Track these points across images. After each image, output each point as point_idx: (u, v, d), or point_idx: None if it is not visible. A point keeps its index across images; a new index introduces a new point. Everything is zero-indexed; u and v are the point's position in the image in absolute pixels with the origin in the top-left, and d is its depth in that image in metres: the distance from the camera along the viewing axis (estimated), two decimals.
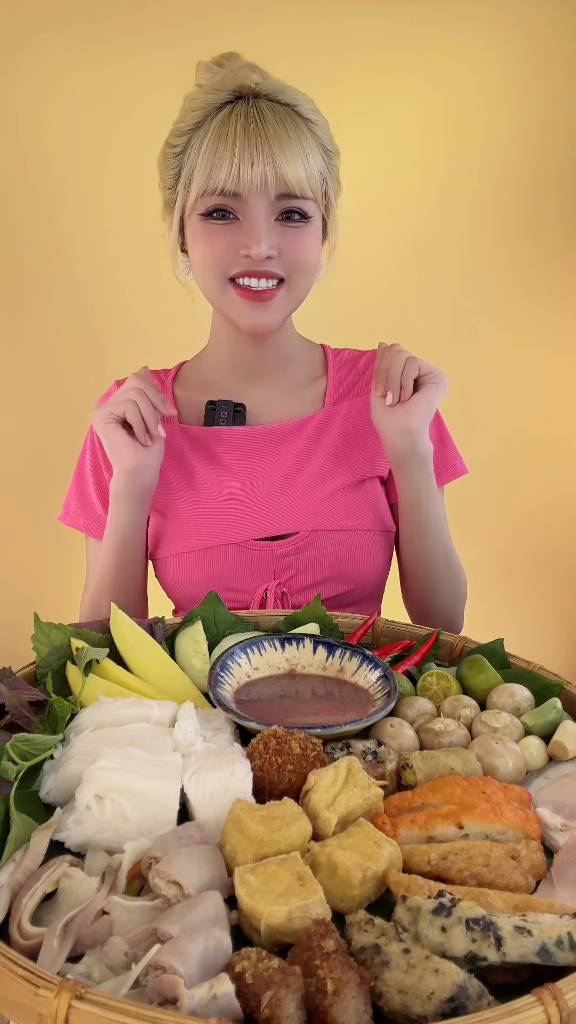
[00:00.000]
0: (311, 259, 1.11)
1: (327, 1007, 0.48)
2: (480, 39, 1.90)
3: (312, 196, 1.08)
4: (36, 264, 1.85)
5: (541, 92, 1.94)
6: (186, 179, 1.07)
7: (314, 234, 1.11)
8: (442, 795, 0.69)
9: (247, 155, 1.02)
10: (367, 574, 1.19)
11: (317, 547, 1.16)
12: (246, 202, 1.04)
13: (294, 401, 1.25)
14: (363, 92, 1.88)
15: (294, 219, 1.08)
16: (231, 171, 1.02)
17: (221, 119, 1.04)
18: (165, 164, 1.11)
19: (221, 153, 1.02)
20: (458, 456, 1.27)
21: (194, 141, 1.06)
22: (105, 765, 0.66)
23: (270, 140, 1.03)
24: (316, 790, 0.66)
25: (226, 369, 1.24)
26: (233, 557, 1.16)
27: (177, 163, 1.09)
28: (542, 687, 0.88)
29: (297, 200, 1.06)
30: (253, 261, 1.05)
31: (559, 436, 2.15)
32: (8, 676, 0.82)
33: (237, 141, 1.02)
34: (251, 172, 1.02)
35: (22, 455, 1.91)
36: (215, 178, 1.03)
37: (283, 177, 1.03)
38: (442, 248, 2.00)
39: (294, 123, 1.06)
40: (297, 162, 1.04)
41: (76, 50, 1.74)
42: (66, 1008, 0.46)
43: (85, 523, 1.25)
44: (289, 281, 1.09)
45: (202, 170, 1.04)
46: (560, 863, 0.64)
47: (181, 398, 1.26)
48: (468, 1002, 0.48)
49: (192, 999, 0.47)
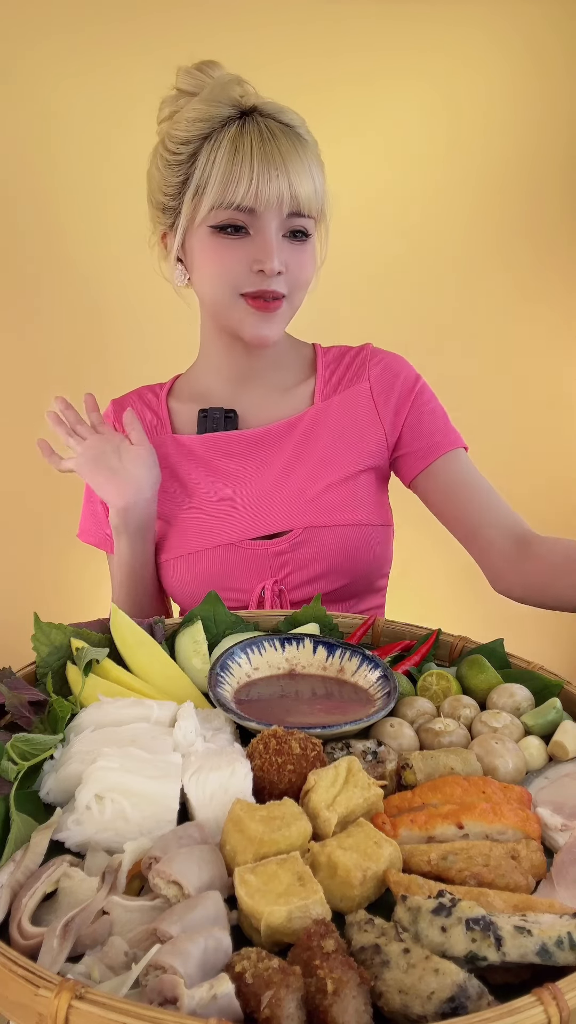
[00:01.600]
0: (310, 276, 1.16)
1: (327, 1007, 0.48)
2: (478, 40, 1.90)
3: (315, 214, 1.12)
4: (39, 266, 1.85)
5: (539, 93, 1.95)
6: (195, 189, 1.08)
7: (312, 252, 1.16)
8: (442, 795, 0.69)
9: (265, 173, 1.05)
10: (364, 567, 1.20)
11: (312, 543, 1.17)
12: (260, 218, 1.08)
13: (284, 401, 1.26)
14: (361, 93, 1.89)
15: (298, 237, 1.12)
16: (250, 187, 1.05)
17: (234, 133, 1.07)
18: (167, 170, 1.12)
19: (240, 168, 1.05)
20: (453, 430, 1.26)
21: (204, 152, 1.08)
22: (105, 765, 0.66)
23: (285, 159, 1.06)
24: (316, 790, 0.66)
25: (218, 377, 1.26)
26: (229, 557, 1.18)
27: (183, 172, 1.10)
28: (542, 687, 0.88)
29: (303, 219, 1.10)
30: (265, 276, 1.09)
31: (558, 435, 2.15)
32: (8, 676, 0.82)
33: (255, 158, 1.05)
34: (269, 189, 1.05)
35: (23, 456, 1.91)
36: (233, 193, 1.06)
37: (296, 196, 1.07)
38: (440, 247, 2.00)
39: (300, 142, 1.10)
40: (307, 181, 1.09)
41: (78, 53, 1.75)
42: (66, 1008, 0.46)
43: (97, 540, 1.29)
44: (290, 296, 1.14)
45: (218, 183, 1.06)
46: (560, 863, 0.64)
47: (176, 411, 1.29)
48: (468, 1002, 0.48)
49: (192, 999, 0.47)
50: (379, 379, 1.25)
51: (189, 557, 1.19)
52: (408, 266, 1.99)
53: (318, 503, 1.18)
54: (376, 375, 1.25)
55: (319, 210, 1.13)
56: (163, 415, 1.28)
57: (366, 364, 1.26)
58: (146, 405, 1.29)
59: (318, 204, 1.12)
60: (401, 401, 1.24)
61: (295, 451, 1.21)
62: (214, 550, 1.17)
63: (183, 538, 1.20)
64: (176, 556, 1.20)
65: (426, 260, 2.01)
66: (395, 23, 1.86)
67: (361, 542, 1.19)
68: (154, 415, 1.28)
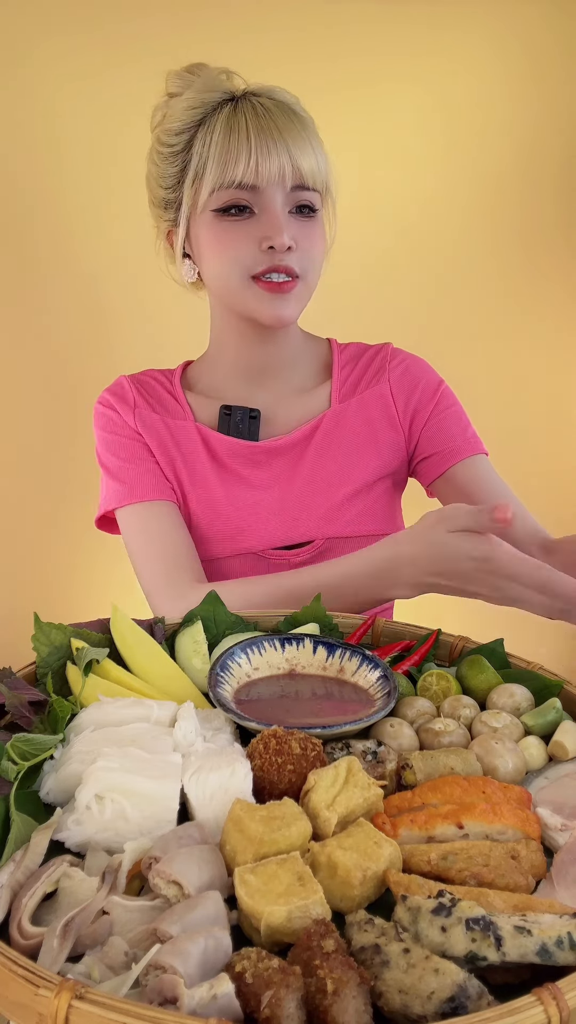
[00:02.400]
0: (321, 251, 1.12)
1: (327, 1007, 0.48)
2: (475, 43, 1.90)
3: (320, 188, 1.09)
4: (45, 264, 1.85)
5: (536, 95, 1.95)
6: (195, 174, 1.06)
7: (321, 227, 1.12)
8: (442, 795, 0.69)
9: (263, 148, 1.02)
10: None
11: (333, 554, 1.15)
12: (263, 194, 1.04)
13: (303, 401, 1.24)
14: (358, 96, 1.89)
15: (305, 212, 1.08)
16: (249, 163, 1.02)
17: (227, 114, 1.04)
18: (164, 163, 1.10)
19: (237, 145, 1.02)
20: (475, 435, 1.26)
21: (200, 137, 1.05)
22: (105, 765, 0.66)
23: (283, 131, 1.03)
24: (316, 790, 0.66)
25: (233, 372, 1.22)
26: (251, 566, 1.16)
27: (180, 161, 1.08)
28: (542, 687, 0.88)
29: (309, 192, 1.07)
30: (276, 252, 1.04)
31: (558, 436, 2.15)
32: (8, 676, 0.82)
33: (251, 133, 1.02)
34: (269, 163, 1.02)
35: (26, 452, 1.91)
36: (232, 171, 1.02)
37: (299, 168, 1.04)
38: (437, 249, 2.01)
39: (297, 117, 1.07)
40: (309, 153, 1.05)
41: (82, 54, 1.76)
42: (66, 1008, 0.46)
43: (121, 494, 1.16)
44: (303, 275, 1.09)
45: (216, 164, 1.03)
46: (560, 863, 0.64)
47: (193, 401, 1.24)
48: (468, 1002, 0.48)
49: (192, 999, 0.47)
50: (399, 382, 1.22)
51: (213, 563, 1.16)
52: (405, 268, 1.99)
53: (339, 514, 1.17)
54: (396, 378, 1.22)
55: (324, 184, 1.10)
56: (181, 400, 1.23)
57: (386, 366, 1.23)
58: (162, 387, 1.24)
59: (322, 177, 1.08)
60: (422, 405, 1.21)
61: (315, 458, 1.19)
62: (237, 558, 1.16)
63: (208, 543, 1.17)
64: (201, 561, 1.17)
65: (423, 262, 2.01)
66: (392, 26, 1.86)
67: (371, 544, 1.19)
68: (172, 399, 1.23)
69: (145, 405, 1.20)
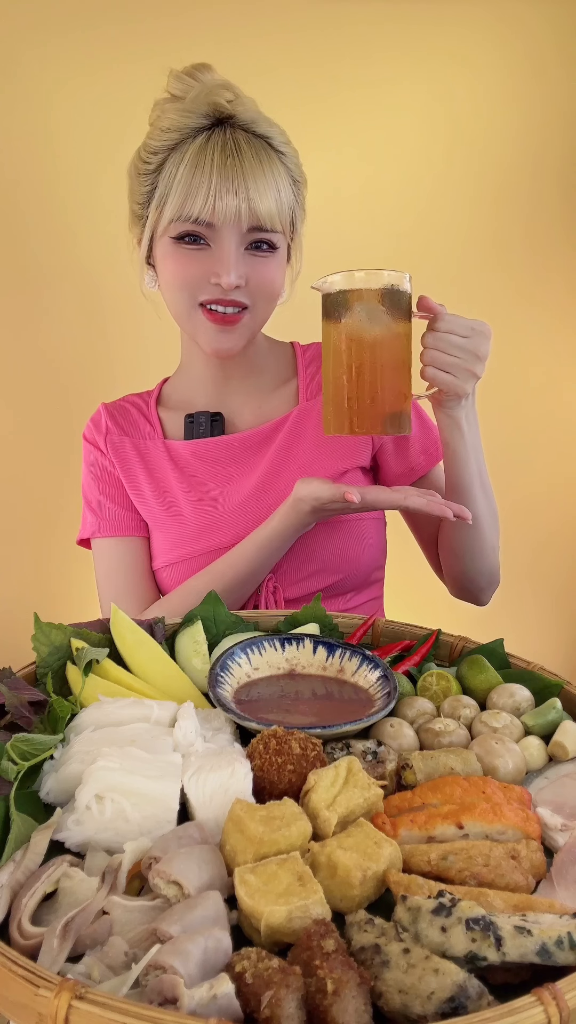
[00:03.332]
0: (276, 287, 1.15)
1: (327, 1007, 0.48)
2: (477, 43, 1.90)
3: (281, 229, 1.12)
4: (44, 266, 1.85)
5: (538, 96, 1.95)
6: (159, 200, 1.09)
7: (280, 263, 1.15)
8: (442, 795, 0.69)
9: (223, 188, 1.04)
10: (357, 561, 1.21)
11: (304, 540, 1.18)
12: (219, 232, 1.08)
13: (269, 403, 1.28)
14: (359, 97, 1.89)
15: (262, 249, 1.11)
16: (207, 202, 1.05)
17: (198, 146, 1.06)
18: (138, 179, 1.13)
19: (197, 182, 1.05)
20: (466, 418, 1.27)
21: (169, 163, 1.08)
22: (105, 765, 0.66)
23: (246, 174, 1.05)
24: (316, 790, 0.66)
25: (201, 382, 1.28)
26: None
27: (150, 181, 1.11)
28: (542, 687, 0.88)
29: (267, 233, 1.10)
30: (223, 289, 1.09)
31: (557, 435, 2.15)
32: (8, 676, 0.82)
33: (214, 173, 1.05)
34: (226, 205, 1.05)
35: (24, 457, 1.91)
36: (190, 206, 1.05)
37: (256, 212, 1.07)
38: (440, 249, 2.00)
39: (268, 157, 1.09)
40: (270, 197, 1.08)
41: (82, 54, 1.75)
42: (66, 1008, 0.46)
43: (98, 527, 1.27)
44: (253, 308, 1.13)
45: (177, 196, 1.06)
46: (560, 863, 0.64)
47: (165, 417, 1.30)
48: (468, 1002, 0.48)
49: (192, 999, 0.47)
50: None
51: (185, 563, 1.20)
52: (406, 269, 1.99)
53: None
54: None
55: (286, 224, 1.13)
56: (154, 421, 1.29)
57: None
58: (137, 411, 1.31)
59: (284, 219, 1.11)
60: None
61: (283, 451, 1.22)
62: (208, 554, 1.18)
63: (177, 544, 1.21)
64: (172, 562, 1.21)
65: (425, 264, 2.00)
66: (393, 27, 1.86)
67: (352, 538, 1.20)
68: (146, 421, 1.29)
69: (116, 430, 1.28)
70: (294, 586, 1.19)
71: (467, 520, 1.02)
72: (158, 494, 1.23)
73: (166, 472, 1.24)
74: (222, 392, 1.27)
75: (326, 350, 1.02)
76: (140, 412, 1.30)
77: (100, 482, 1.27)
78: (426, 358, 1.01)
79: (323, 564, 1.19)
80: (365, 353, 0.98)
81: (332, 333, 1.00)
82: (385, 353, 0.98)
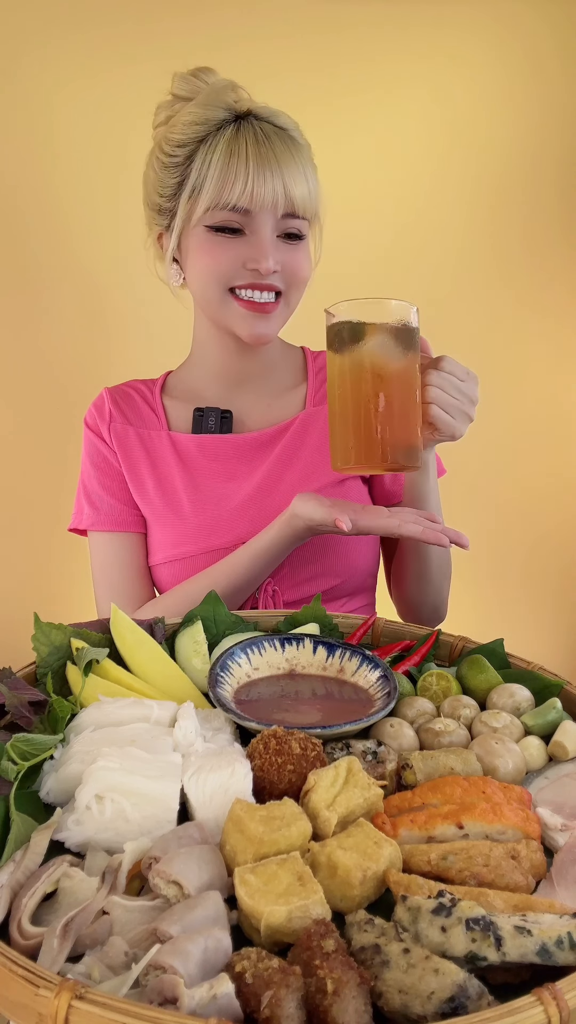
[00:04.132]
0: (306, 274, 1.17)
1: (327, 1007, 0.48)
2: (476, 45, 1.90)
3: (309, 216, 1.14)
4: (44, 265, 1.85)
5: (536, 98, 1.95)
6: (192, 190, 1.10)
7: (307, 251, 1.17)
8: (442, 795, 0.69)
9: (260, 174, 1.06)
10: (356, 566, 1.22)
11: (305, 544, 1.18)
12: (255, 219, 1.09)
13: (277, 405, 1.28)
14: (358, 99, 1.89)
15: (292, 238, 1.13)
16: (245, 188, 1.06)
17: (229, 136, 1.08)
18: (163, 172, 1.14)
19: (235, 170, 1.06)
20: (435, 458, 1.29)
21: (200, 154, 1.09)
22: (105, 765, 0.66)
23: (280, 161, 1.08)
24: (316, 790, 0.66)
25: (213, 377, 1.27)
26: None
27: (179, 173, 1.12)
28: (542, 687, 0.88)
29: (297, 220, 1.12)
30: (260, 275, 1.10)
31: (558, 434, 2.15)
32: (8, 676, 0.82)
33: (251, 159, 1.06)
34: (264, 190, 1.07)
35: (23, 454, 1.91)
36: (228, 194, 1.07)
37: (291, 197, 1.09)
38: (439, 251, 2.00)
39: (295, 145, 1.11)
40: (302, 183, 1.10)
41: (82, 56, 1.76)
42: (66, 1008, 0.46)
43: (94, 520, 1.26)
44: (286, 295, 1.15)
45: (214, 184, 1.07)
46: (560, 863, 0.64)
47: (170, 407, 1.29)
48: (468, 1002, 0.48)
49: (192, 999, 0.47)
50: None
51: (183, 562, 1.19)
52: (405, 271, 1.99)
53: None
54: None
55: (313, 212, 1.15)
56: (158, 410, 1.28)
57: None
58: (141, 398, 1.29)
59: (312, 206, 1.13)
60: None
61: (287, 454, 1.23)
62: (208, 555, 1.18)
63: (177, 542, 1.20)
64: (170, 560, 1.21)
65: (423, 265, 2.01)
66: (393, 29, 1.86)
67: (355, 542, 1.20)
68: (149, 409, 1.28)
69: (120, 418, 1.26)
70: (293, 589, 1.19)
71: (464, 546, 1.00)
72: (160, 487, 1.23)
73: (169, 464, 1.24)
74: (233, 389, 1.27)
75: (334, 380, 1.00)
76: (144, 399, 1.29)
77: (100, 473, 1.25)
78: (430, 396, 1.00)
79: (323, 568, 1.20)
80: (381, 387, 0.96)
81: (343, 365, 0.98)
82: (401, 387, 0.97)
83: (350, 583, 1.22)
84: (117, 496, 1.24)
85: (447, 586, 1.26)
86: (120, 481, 1.25)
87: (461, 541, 0.99)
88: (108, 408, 1.27)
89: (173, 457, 1.24)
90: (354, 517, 1.01)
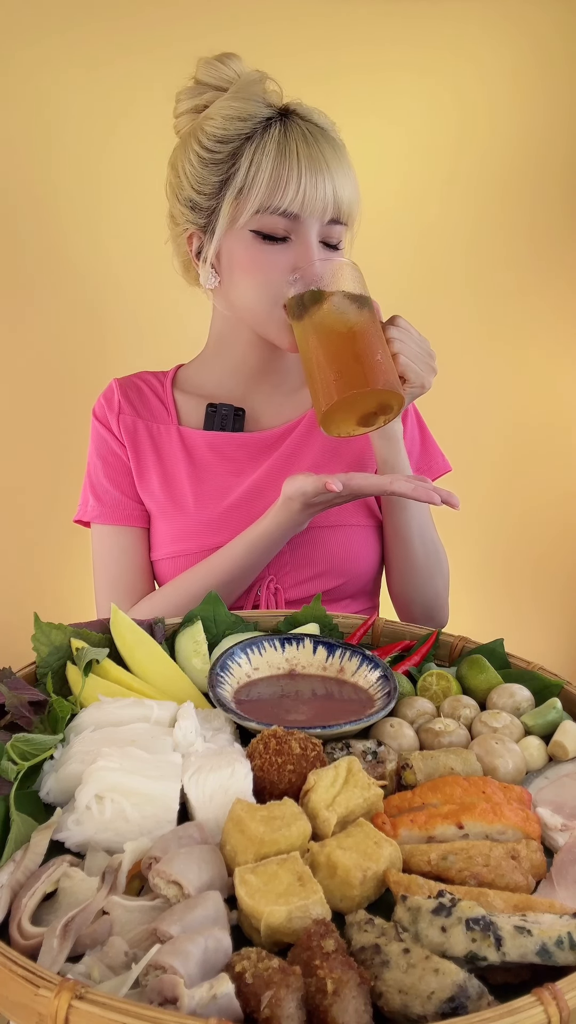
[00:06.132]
0: None
1: (327, 1007, 0.48)
2: (482, 35, 1.90)
3: (351, 222, 1.12)
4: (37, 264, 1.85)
5: (542, 89, 1.95)
6: (237, 190, 1.06)
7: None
8: (442, 795, 0.69)
9: (312, 180, 1.04)
10: (359, 567, 1.21)
11: (310, 544, 1.17)
12: (302, 224, 1.06)
13: (288, 404, 1.27)
14: (365, 90, 1.88)
15: (332, 245, 1.11)
16: (298, 193, 1.04)
17: (278, 135, 1.05)
18: (205, 169, 1.09)
19: (287, 174, 1.03)
20: (440, 454, 1.30)
21: (246, 153, 1.05)
22: (105, 765, 0.66)
23: (330, 163, 1.05)
24: (316, 790, 0.66)
25: (229, 374, 1.25)
26: None
27: (223, 171, 1.08)
28: (542, 687, 0.88)
29: (340, 226, 1.10)
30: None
31: (559, 435, 2.15)
32: (8, 676, 0.82)
33: (302, 163, 1.03)
34: (315, 195, 1.04)
35: (23, 453, 1.91)
36: (280, 198, 1.04)
37: (339, 203, 1.07)
38: (444, 245, 2.00)
39: (339, 147, 1.09)
40: (350, 187, 1.08)
41: (78, 49, 1.74)
42: (66, 1008, 0.46)
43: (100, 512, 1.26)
44: None
45: (265, 187, 1.04)
46: (560, 863, 0.64)
47: (181, 402, 1.28)
48: (468, 1002, 0.48)
49: (192, 999, 0.47)
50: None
51: (185, 558, 1.19)
52: (409, 263, 1.99)
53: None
54: None
55: (355, 217, 1.13)
56: (169, 404, 1.27)
57: None
58: (151, 390, 1.28)
59: (356, 210, 1.11)
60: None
61: (294, 452, 1.22)
62: (213, 550, 1.17)
63: (180, 538, 1.20)
64: (172, 555, 1.20)
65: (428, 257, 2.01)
66: (398, 20, 1.86)
67: (359, 542, 1.20)
68: (159, 403, 1.27)
69: (130, 410, 1.25)
70: (294, 588, 1.18)
71: (455, 506, 0.99)
72: (165, 482, 1.22)
73: (176, 460, 1.22)
74: (248, 386, 1.25)
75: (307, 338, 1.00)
76: (154, 392, 1.28)
77: (107, 466, 1.24)
78: (395, 347, 1.01)
79: (325, 567, 1.19)
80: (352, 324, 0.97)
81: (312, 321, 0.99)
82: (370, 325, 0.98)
83: (352, 584, 1.22)
84: (122, 489, 1.23)
85: (441, 585, 1.24)
86: (126, 474, 1.23)
87: (451, 500, 0.98)
88: (117, 399, 1.25)
89: (181, 452, 1.23)
90: (344, 479, 1.00)
